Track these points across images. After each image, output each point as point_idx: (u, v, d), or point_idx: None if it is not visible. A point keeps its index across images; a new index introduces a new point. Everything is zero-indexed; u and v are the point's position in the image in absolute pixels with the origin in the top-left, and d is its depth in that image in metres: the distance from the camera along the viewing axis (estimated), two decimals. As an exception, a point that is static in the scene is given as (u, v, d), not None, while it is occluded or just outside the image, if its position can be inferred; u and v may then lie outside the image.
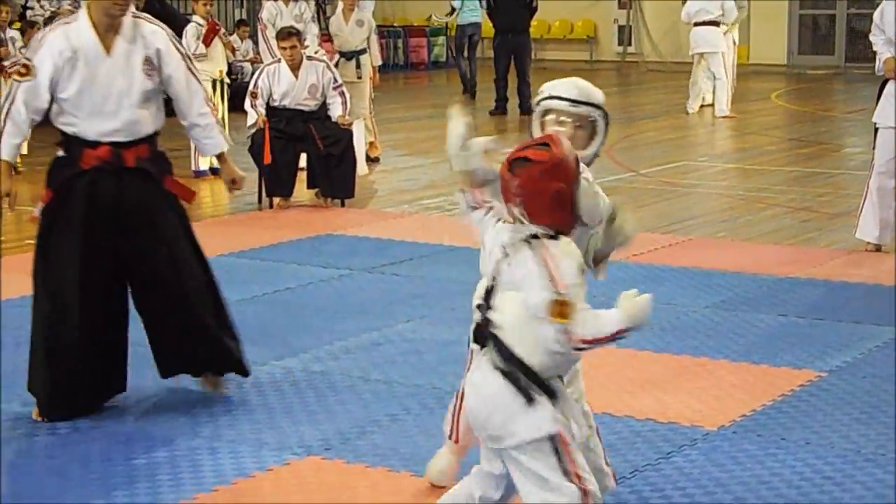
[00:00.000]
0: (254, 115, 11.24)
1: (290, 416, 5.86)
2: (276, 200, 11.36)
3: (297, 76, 11.20)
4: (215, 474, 5.20)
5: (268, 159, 11.04)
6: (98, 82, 5.66)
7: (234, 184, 6.16)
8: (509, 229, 3.89)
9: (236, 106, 13.58)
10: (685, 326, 7.31)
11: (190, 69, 5.88)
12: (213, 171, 12.89)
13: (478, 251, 4.11)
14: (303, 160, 11.43)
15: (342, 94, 11.36)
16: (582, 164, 4.10)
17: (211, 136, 5.97)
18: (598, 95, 4.50)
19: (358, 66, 13.49)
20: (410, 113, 18.60)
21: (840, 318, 7.44)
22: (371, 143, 14.02)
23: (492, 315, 3.89)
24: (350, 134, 11.35)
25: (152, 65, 5.74)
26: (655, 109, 19.09)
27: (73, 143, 5.73)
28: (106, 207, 5.72)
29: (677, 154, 14.56)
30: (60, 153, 5.81)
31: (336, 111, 11.26)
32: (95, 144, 5.69)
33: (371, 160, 13.75)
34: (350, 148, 11.28)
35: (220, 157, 6.16)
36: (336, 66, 12.66)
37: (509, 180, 3.85)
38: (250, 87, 11.40)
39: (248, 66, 19.94)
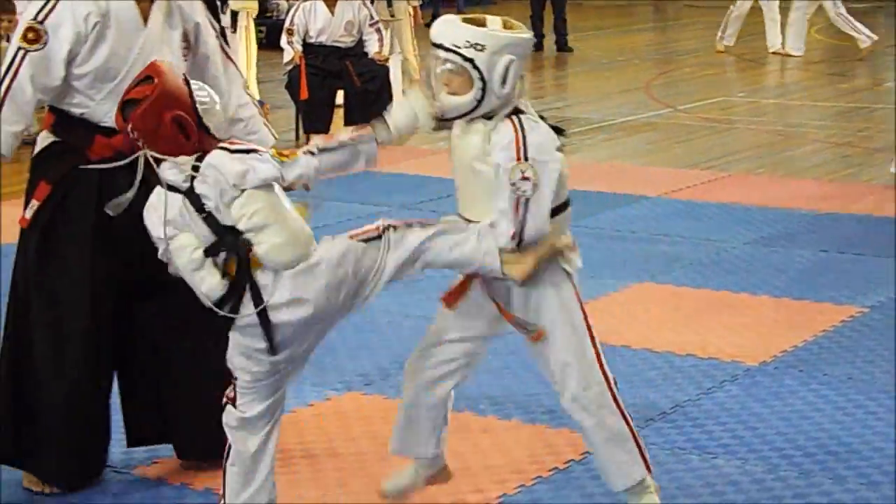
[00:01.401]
0: (290, 51, 11.19)
1: (331, 353, 5.84)
2: (314, 137, 11.33)
3: (333, 13, 11.14)
4: (256, 409, 5.22)
5: (304, 95, 11.01)
6: (130, 58, 4.34)
7: None
8: (170, 176, 3.72)
9: (272, 43, 13.53)
10: (724, 262, 7.27)
11: (224, 50, 4.68)
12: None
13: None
14: (340, 97, 11.40)
15: (378, 30, 11.31)
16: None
17: (255, 130, 4.68)
18: (460, 36, 3.68)
19: (389, 4, 13.22)
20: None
21: (881, 254, 7.39)
22: (411, 81, 13.95)
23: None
24: (387, 70, 11.31)
25: (188, 43, 4.52)
26: (693, 45, 18.91)
27: (80, 128, 4.41)
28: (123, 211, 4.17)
29: (715, 90, 14.44)
30: (53, 139, 4.47)
31: (372, 48, 11.21)
32: (110, 132, 4.28)
33: (409, 97, 13.64)
34: (387, 84, 11.23)
35: None
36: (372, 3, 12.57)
37: (126, 128, 3.75)
38: (286, 24, 11.34)
39: (283, 3, 19.83)
